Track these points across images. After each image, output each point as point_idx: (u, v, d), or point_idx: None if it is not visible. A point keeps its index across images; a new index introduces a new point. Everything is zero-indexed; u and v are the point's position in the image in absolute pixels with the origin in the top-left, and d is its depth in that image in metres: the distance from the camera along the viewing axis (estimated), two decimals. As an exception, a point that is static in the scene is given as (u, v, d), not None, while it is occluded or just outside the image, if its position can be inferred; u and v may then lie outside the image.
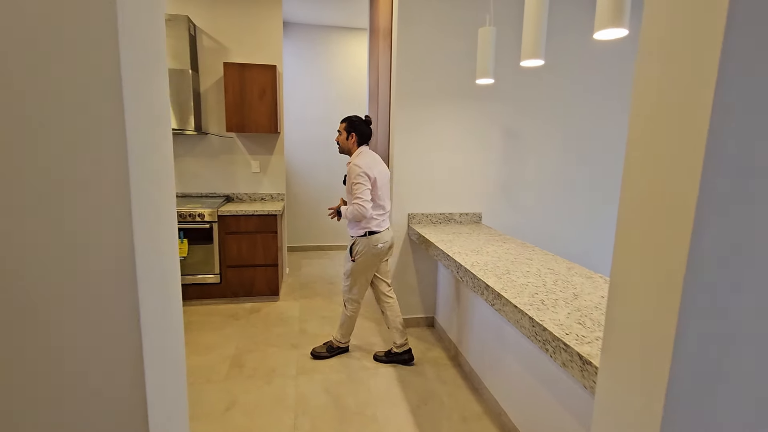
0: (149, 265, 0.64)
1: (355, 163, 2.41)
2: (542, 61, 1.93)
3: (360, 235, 2.48)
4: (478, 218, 3.14)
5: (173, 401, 0.77)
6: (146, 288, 0.62)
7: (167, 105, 0.72)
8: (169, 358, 0.75)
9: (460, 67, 2.92)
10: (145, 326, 0.61)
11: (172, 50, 3.39)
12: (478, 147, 3.06)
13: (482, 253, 2.23)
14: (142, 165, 0.61)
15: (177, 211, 3.31)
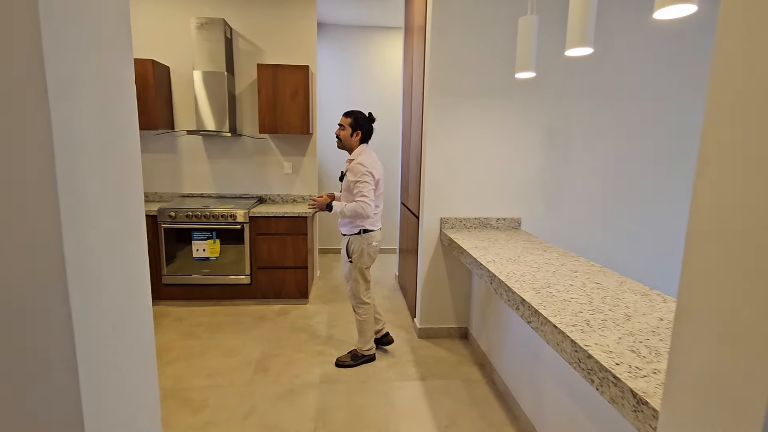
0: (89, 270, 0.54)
1: (359, 161, 2.37)
2: (591, 49, 1.72)
3: (354, 233, 2.46)
4: (516, 224, 2.92)
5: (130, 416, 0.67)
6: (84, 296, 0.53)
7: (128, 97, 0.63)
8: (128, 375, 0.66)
9: (498, 63, 2.73)
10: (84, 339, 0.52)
11: (209, 53, 3.43)
12: (517, 147, 2.85)
13: (519, 263, 2.03)
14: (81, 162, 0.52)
15: (209, 212, 3.36)
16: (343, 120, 2.46)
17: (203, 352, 2.73)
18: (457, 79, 2.73)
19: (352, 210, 2.34)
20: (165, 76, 3.59)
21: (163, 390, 2.30)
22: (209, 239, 3.39)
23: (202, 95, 3.46)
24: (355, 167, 2.37)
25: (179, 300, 3.49)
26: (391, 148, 5.09)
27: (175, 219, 3.33)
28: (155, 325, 3.08)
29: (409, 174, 3.53)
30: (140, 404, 0.71)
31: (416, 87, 3.19)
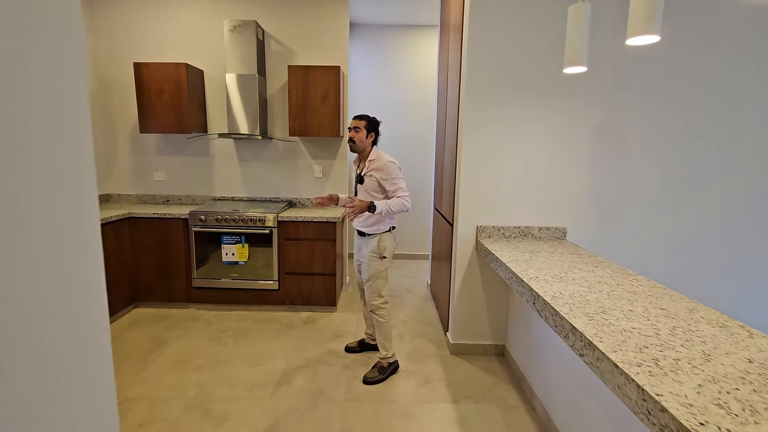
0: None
1: (389, 159, 2.40)
2: (657, 37, 1.48)
3: (384, 230, 2.45)
4: (561, 233, 2.66)
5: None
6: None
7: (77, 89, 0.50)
8: None
9: (543, 58, 2.49)
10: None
11: (241, 56, 3.40)
12: (564, 149, 2.59)
13: (567, 280, 1.80)
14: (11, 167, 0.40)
15: (238, 216, 3.32)
16: (357, 123, 2.41)
17: (229, 359, 2.67)
18: (497, 76, 2.52)
19: (398, 206, 2.32)
20: (199, 80, 3.60)
21: (187, 399, 2.24)
22: (238, 243, 3.35)
23: (234, 98, 3.44)
24: (386, 166, 2.37)
25: (209, 303, 3.48)
26: (424, 151, 4.91)
27: (205, 222, 3.32)
28: (186, 329, 3.07)
29: (443, 178, 3.34)
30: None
31: (452, 86, 3.00)
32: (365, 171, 2.43)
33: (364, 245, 2.49)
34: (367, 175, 2.42)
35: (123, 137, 3.77)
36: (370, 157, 2.44)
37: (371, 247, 2.46)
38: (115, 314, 3.21)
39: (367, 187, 2.43)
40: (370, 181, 2.41)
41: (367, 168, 2.43)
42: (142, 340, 2.91)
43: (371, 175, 2.40)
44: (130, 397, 2.24)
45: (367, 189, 2.44)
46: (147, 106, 3.39)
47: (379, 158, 2.41)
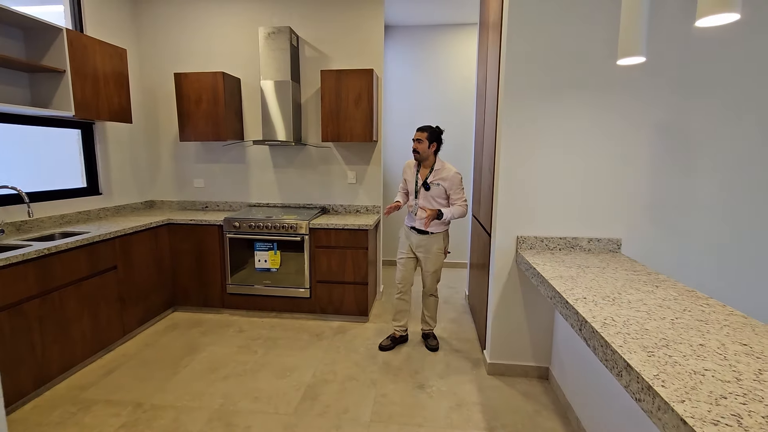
0: None
1: (456, 171, 2.70)
2: (737, 15, 1.22)
3: (444, 230, 2.81)
4: (615, 246, 2.37)
5: None
6: None
7: None
8: None
9: (593, 49, 2.23)
10: None
11: (275, 63, 3.40)
12: (617, 151, 2.31)
13: (620, 303, 1.55)
14: None
15: (270, 223, 3.30)
16: (419, 135, 2.67)
17: (256, 369, 2.62)
18: (539, 72, 2.29)
19: (459, 213, 2.66)
20: (236, 88, 3.64)
21: (211, 411, 2.20)
22: (270, 250, 3.33)
23: (268, 105, 3.44)
24: (454, 177, 2.68)
25: (242, 309, 3.49)
26: (463, 157, 4.69)
27: (239, 229, 3.33)
28: (218, 335, 3.08)
29: (482, 184, 3.13)
30: None
31: (491, 86, 2.80)
32: (432, 179, 2.69)
33: (429, 243, 2.78)
34: (434, 184, 2.68)
35: (166, 146, 3.90)
36: (435, 167, 2.70)
37: (438, 244, 2.78)
38: (153, 318, 3.29)
39: (433, 193, 2.70)
40: (436, 189, 2.68)
41: (433, 176, 2.70)
42: (176, 345, 2.94)
43: (438, 183, 2.67)
44: (158, 405, 2.24)
45: (432, 195, 2.71)
46: (186, 114, 3.47)
47: (446, 169, 2.69)
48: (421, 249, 2.80)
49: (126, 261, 2.93)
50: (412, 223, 2.80)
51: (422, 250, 2.79)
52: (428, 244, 2.77)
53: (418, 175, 2.76)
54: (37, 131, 2.94)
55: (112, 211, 3.50)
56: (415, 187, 2.77)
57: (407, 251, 2.86)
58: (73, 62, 2.71)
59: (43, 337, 2.31)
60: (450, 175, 2.66)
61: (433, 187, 2.67)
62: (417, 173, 2.77)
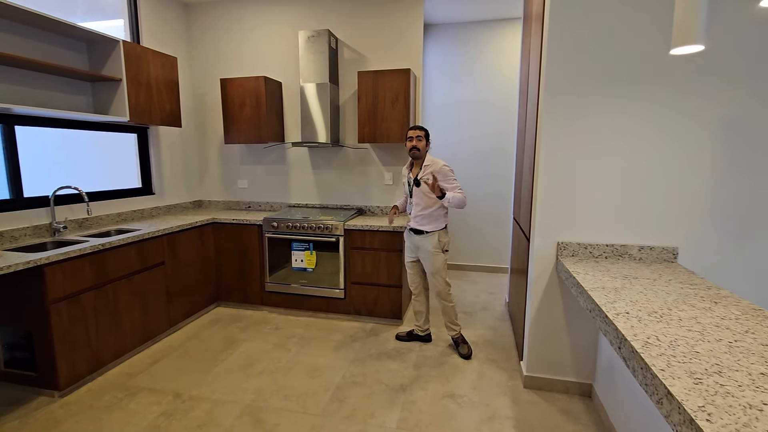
0: None
1: (444, 164, 2.71)
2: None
3: (441, 228, 2.78)
4: (671, 255, 2.15)
5: None
6: None
7: None
8: None
9: (643, 38, 2.03)
10: None
11: (314, 65, 3.45)
12: (673, 150, 2.09)
13: (669, 320, 1.39)
14: None
15: (307, 223, 3.35)
16: (419, 133, 2.72)
17: (289, 367, 2.67)
18: (584, 62, 2.13)
19: (458, 199, 2.61)
20: (277, 91, 3.75)
21: (243, 405, 2.27)
22: (306, 250, 3.39)
23: (307, 107, 3.50)
24: (443, 169, 2.68)
25: (280, 307, 3.58)
26: (504, 156, 4.51)
27: (277, 229, 3.41)
28: (256, 331, 3.17)
29: (522, 185, 2.98)
30: None
31: (533, 81, 2.65)
32: (422, 175, 2.70)
33: (424, 242, 2.76)
34: (424, 179, 2.66)
35: (213, 148, 4.10)
36: (425, 162, 2.72)
37: (433, 243, 2.74)
38: (199, 312, 3.46)
39: (425, 189, 2.68)
40: (425, 183, 2.65)
41: (423, 172, 2.70)
42: (216, 339, 3.07)
43: (428, 178, 2.64)
44: (195, 396, 2.35)
45: (424, 192, 2.70)
46: (231, 118, 3.62)
47: (434, 162, 2.70)
48: (420, 249, 2.81)
49: (173, 257, 3.10)
50: (409, 224, 2.85)
51: (420, 250, 2.81)
52: (425, 244, 2.76)
53: (410, 174, 2.80)
54: (106, 136, 3.20)
55: (164, 210, 3.73)
56: (408, 187, 2.81)
57: (411, 254, 2.90)
58: (128, 71, 2.91)
59: (98, 325, 2.50)
60: (439, 168, 2.66)
61: (424, 182, 2.67)
62: (408, 173, 2.82)
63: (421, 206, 2.73)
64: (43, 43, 2.64)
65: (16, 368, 2.38)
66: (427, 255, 2.77)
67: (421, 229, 2.76)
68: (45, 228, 2.71)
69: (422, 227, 2.75)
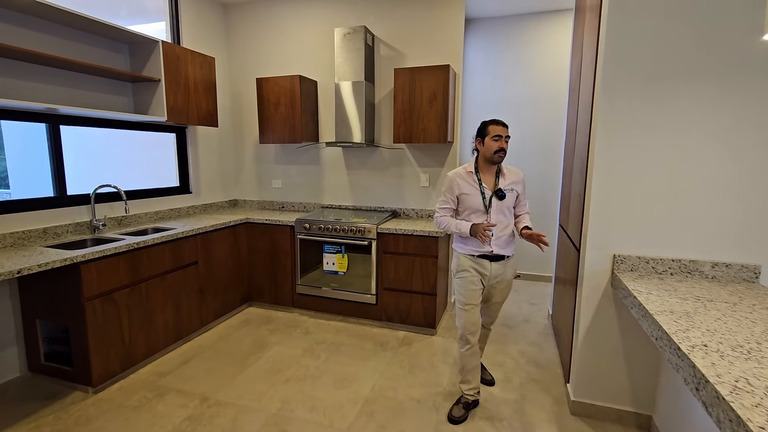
0: None
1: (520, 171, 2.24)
2: None
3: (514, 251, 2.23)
4: (752, 274, 1.85)
5: None
6: None
7: None
8: None
9: (723, 25, 1.76)
10: None
11: (350, 63, 3.35)
12: (755, 153, 1.80)
13: (760, 358, 1.15)
14: None
15: (339, 225, 3.25)
16: (508, 131, 2.13)
17: (317, 375, 2.58)
18: (647, 55, 1.87)
19: None
20: (312, 91, 3.68)
21: (269, 414, 2.19)
22: (338, 253, 3.29)
23: (341, 106, 3.41)
24: (524, 179, 2.25)
25: (311, 310, 3.51)
26: (551, 157, 4.22)
27: (309, 231, 3.34)
28: (286, 334, 3.11)
29: (571, 190, 2.72)
30: None
31: (586, 78, 2.40)
32: (505, 185, 2.15)
33: (505, 268, 2.18)
34: (508, 190, 2.15)
35: (249, 148, 4.10)
36: (503, 170, 2.19)
37: (513, 269, 2.25)
38: (230, 312, 3.46)
39: (508, 203, 2.15)
40: (511, 196, 2.16)
41: (505, 181, 2.16)
42: (246, 341, 3.03)
43: (512, 189, 2.16)
44: (221, 401, 2.30)
45: (507, 205, 2.15)
46: (266, 117, 3.59)
47: (513, 171, 2.22)
48: (497, 279, 2.16)
49: (206, 257, 3.10)
50: (489, 248, 2.11)
51: (498, 280, 2.17)
52: (507, 271, 2.18)
53: (483, 184, 2.13)
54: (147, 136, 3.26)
55: (200, 208, 3.76)
56: (483, 200, 2.11)
57: (479, 287, 2.15)
58: (167, 71, 2.93)
59: (131, 323, 2.52)
60: (521, 177, 2.23)
61: (509, 195, 2.13)
62: (479, 182, 2.14)
63: (502, 225, 2.12)
64: (86, 44, 2.70)
65: (54, 362, 2.44)
66: (506, 285, 2.22)
67: (504, 254, 2.14)
68: (86, 225, 2.77)
69: (505, 250, 2.14)
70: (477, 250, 2.12)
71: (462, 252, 2.17)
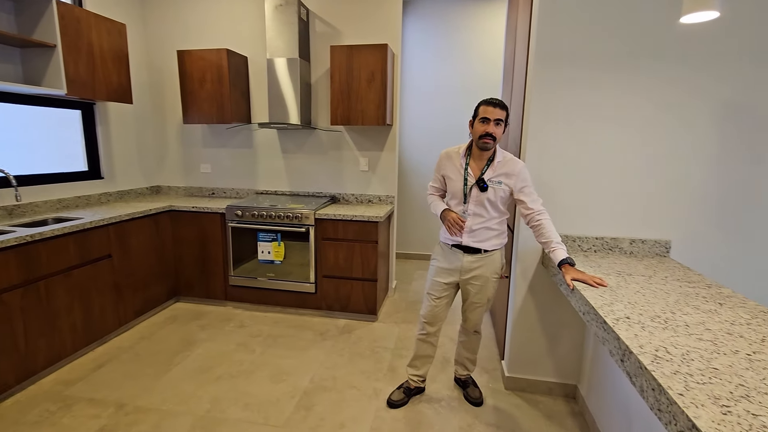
0: None
1: (522, 163, 1.89)
2: None
3: (504, 243, 2.00)
4: (663, 249, 2.00)
5: None
6: None
7: None
8: None
9: (644, 11, 1.84)
10: None
11: (283, 38, 3.13)
12: (670, 135, 1.93)
13: (675, 327, 1.22)
14: None
15: (273, 211, 3.07)
16: (500, 114, 1.79)
17: (251, 371, 2.43)
18: (576, 42, 1.92)
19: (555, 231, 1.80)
20: (242, 67, 3.41)
21: (196, 417, 2.02)
22: (274, 241, 3.12)
23: (276, 84, 3.19)
24: (523, 172, 1.86)
25: (246, 303, 3.31)
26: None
27: (241, 218, 3.12)
28: (218, 329, 2.91)
29: (506, 173, 2.78)
30: None
31: (519, 62, 2.44)
32: (491, 175, 1.86)
33: (481, 264, 1.95)
34: (495, 182, 1.85)
35: (172, 128, 3.73)
36: (496, 158, 1.87)
37: (494, 267, 1.97)
38: (154, 308, 3.16)
39: (491, 196, 1.86)
40: (498, 189, 1.85)
41: (493, 172, 1.86)
42: (173, 339, 2.79)
43: (501, 182, 1.85)
44: (141, 407, 2.08)
45: (489, 199, 1.86)
46: (190, 95, 3.27)
47: (512, 161, 1.87)
48: (470, 275, 1.98)
49: (122, 249, 2.78)
50: (459, 239, 1.94)
51: (471, 276, 1.98)
52: (481, 268, 1.96)
53: (468, 169, 1.91)
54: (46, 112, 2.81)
55: (115, 196, 3.37)
56: (463, 187, 1.90)
57: (447, 278, 2.02)
58: (64, 36, 2.53)
59: (27, 328, 2.18)
60: (518, 169, 1.85)
61: (493, 188, 1.85)
62: (466, 167, 1.92)
63: (481, 218, 1.90)
64: (-44, -2, 2.24)
65: (-73, 379, 2.05)
66: (482, 282, 1.97)
67: (479, 247, 1.93)
68: (-36, 216, 2.34)
69: (482, 244, 1.92)
70: (450, 239, 1.97)
71: (440, 239, 2.05)
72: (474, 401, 2.17)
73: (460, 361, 2.26)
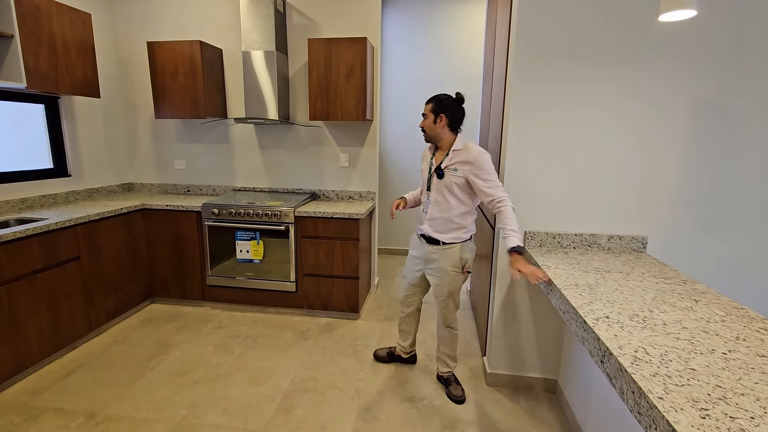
0: None
1: (480, 150, 1.93)
2: None
3: (465, 239, 2.04)
4: (640, 245, 2.03)
5: None
6: None
7: None
8: None
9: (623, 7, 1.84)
10: None
11: (259, 30, 3.03)
12: (648, 131, 1.94)
13: (653, 326, 1.23)
14: None
15: (252, 209, 2.99)
16: (426, 107, 2.02)
17: (230, 373, 2.37)
18: (556, 37, 1.91)
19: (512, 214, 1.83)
20: (217, 60, 3.29)
21: (172, 424, 1.95)
22: (252, 240, 3.04)
23: (252, 78, 3.09)
24: (479, 157, 1.90)
25: (224, 303, 3.23)
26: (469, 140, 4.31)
27: (219, 216, 3.03)
28: (195, 331, 2.83)
29: (487, 169, 2.77)
30: None
31: (499, 58, 2.42)
32: (447, 163, 1.97)
33: (439, 256, 2.04)
34: (450, 169, 1.95)
35: (144, 123, 3.59)
36: (454, 147, 1.98)
37: (452, 261, 2.03)
38: (127, 311, 3.05)
39: (448, 183, 1.96)
40: (453, 176, 1.94)
41: (449, 160, 1.97)
42: (147, 343, 2.69)
43: (456, 168, 1.94)
44: (113, 416, 2.00)
45: (447, 186, 1.97)
46: (161, 89, 3.14)
47: (468, 149, 1.94)
48: (431, 265, 2.09)
49: (91, 250, 2.66)
50: (421, 227, 2.10)
51: (431, 267, 2.08)
52: (440, 259, 2.04)
53: (432, 160, 2.06)
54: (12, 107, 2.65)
55: (84, 194, 3.22)
56: (428, 177, 2.07)
57: (416, 266, 2.17)
58: (22, 26, 2.38)
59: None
60: (473, 156, 1.90)
61: (448, 174, 1.95)
62: (432, 158, 2.08)
63: (441, 206, 2.00)
64: None
65: None
66: (440, 274, 2.05)
67: (436, 237, 2.03)
68: None
69: (438, 235, 2.02)
70: (419, 228, 2.15)
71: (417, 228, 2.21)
72: (456, 399, 2.17)
73: (440, 357, 2.28)
